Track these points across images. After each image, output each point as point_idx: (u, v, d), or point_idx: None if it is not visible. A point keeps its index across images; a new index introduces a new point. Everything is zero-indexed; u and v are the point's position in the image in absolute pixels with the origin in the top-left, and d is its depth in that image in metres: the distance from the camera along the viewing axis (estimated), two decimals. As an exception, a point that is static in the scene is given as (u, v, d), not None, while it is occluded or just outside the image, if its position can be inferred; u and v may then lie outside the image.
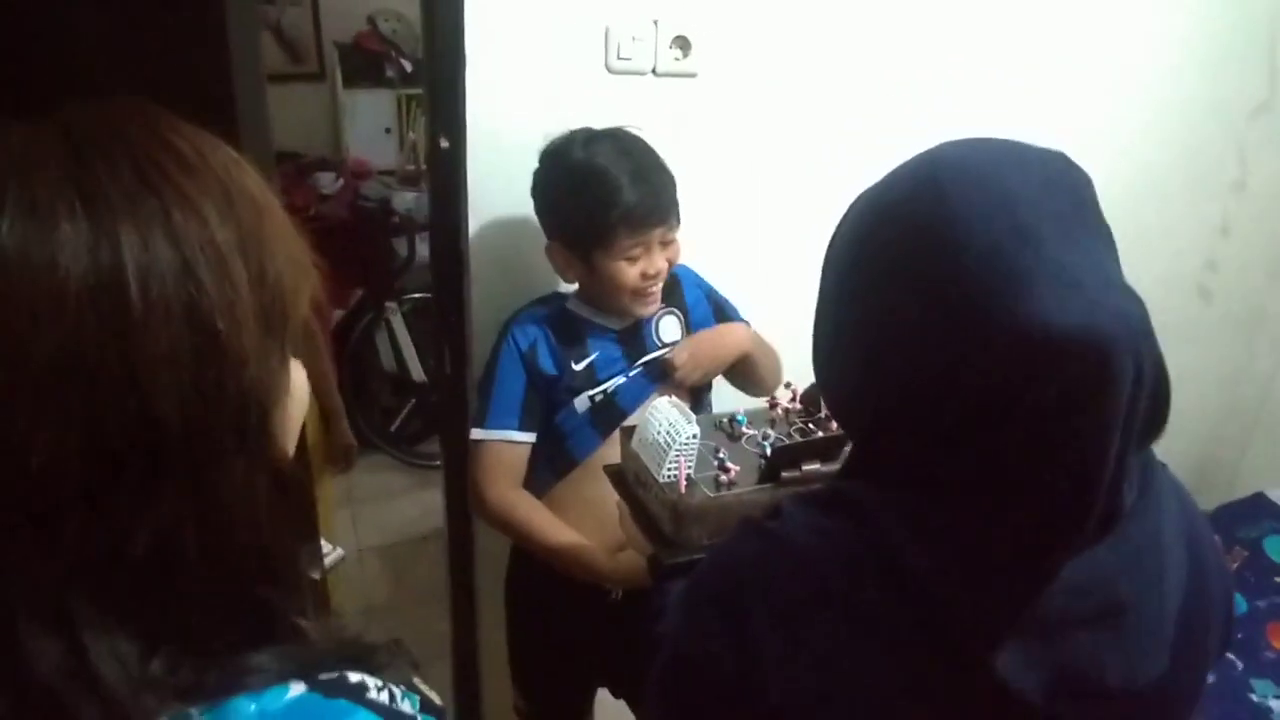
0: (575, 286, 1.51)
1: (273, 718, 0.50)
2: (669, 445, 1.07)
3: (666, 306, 1.52)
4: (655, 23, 1.54)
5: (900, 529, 0.63)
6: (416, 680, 0.59)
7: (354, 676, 0.55)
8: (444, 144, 1.54)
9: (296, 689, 0.52)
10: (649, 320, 1.51)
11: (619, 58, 1.54)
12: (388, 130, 3.79)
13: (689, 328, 1.56)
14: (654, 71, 1.57)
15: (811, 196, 1.77)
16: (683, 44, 1.57)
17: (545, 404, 1.48)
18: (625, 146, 1.38)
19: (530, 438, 1.48)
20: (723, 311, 1.62)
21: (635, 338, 1.51)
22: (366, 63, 3.69)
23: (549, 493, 1.51)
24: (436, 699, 0.61)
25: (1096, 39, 1.88)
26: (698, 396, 1.59)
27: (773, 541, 0.69)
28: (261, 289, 0.52)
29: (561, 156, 1.39)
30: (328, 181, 3.49)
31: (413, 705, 0.57)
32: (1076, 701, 0.63)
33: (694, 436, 1.08)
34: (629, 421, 1.42)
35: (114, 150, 0.50)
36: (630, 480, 1.21)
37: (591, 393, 1.48)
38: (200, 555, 0.50)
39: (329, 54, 3.73)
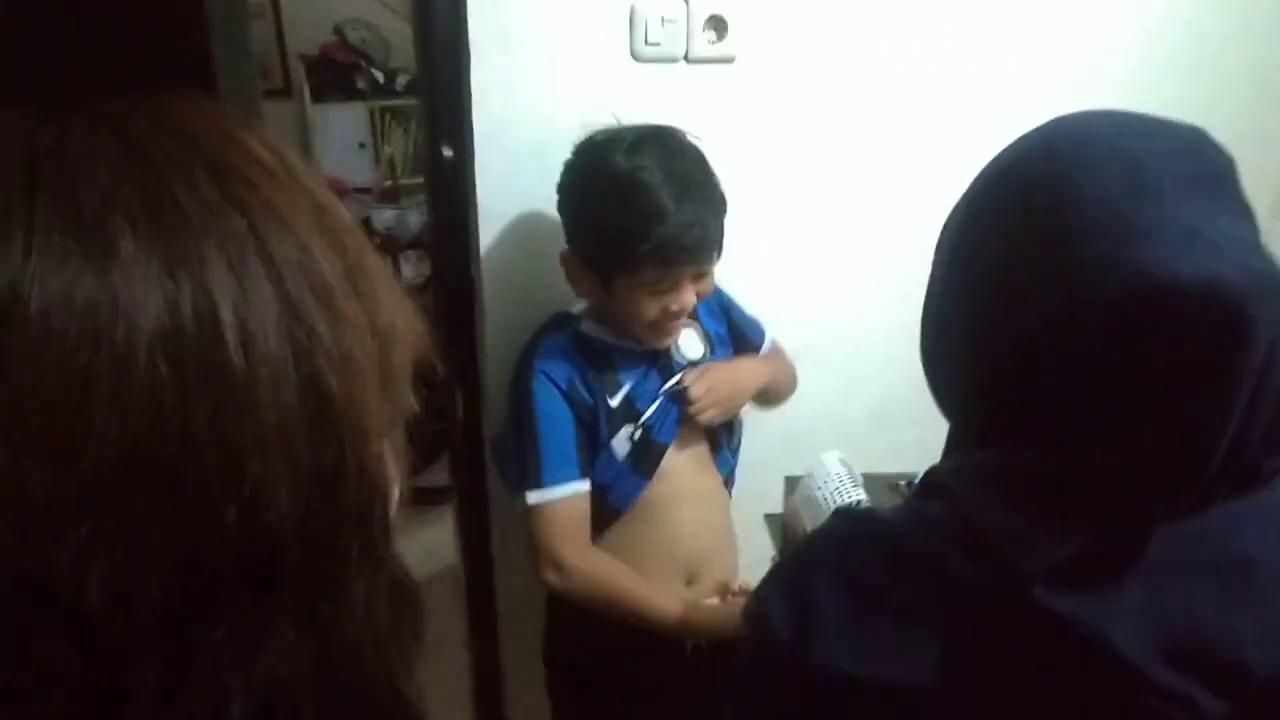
0: (583, 303, 1.31)
1: None
2: (828, 507, 0.93)
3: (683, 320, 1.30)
4: (687, 1, 1.33)
5: (982, 493, 0.59)
6: None
7: None
8: (447, 153, 1.32)
9: None
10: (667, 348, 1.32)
11: (646, 43, 1.32)
12: (361, 145, 3.57)
13: (711, 341, 1.37)
14: (686, 58, 1.36)
15: (860, 195, 1.57)
16: (718, 25, 1.35)
17: (592, 441, 1.28)
18: (676, 162, 1.16)
19: (588, 485, 1.27)
20: (740, 332, 1.43)
21: (664, 361, 1.31)
22: (335, 76, 3.47)
23: (597, 543, 1.31)
24: None
25: (1145, 53, 1.69)
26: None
27: (854, 518, 0.68)
28: (375, 339, 0.37)
29: (601, 158, 1.17)
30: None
31: None
32: (1209, 680, 0.52)
33: (859, 503, 0.92)
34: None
35: (180, 151, 0.34)
36: (792, 536, 1.12)
37: (630, 429, 1.28)
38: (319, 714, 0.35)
39: (295, 68, 3.49)
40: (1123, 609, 0.54)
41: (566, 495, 1.25)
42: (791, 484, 1.09)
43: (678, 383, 1.30)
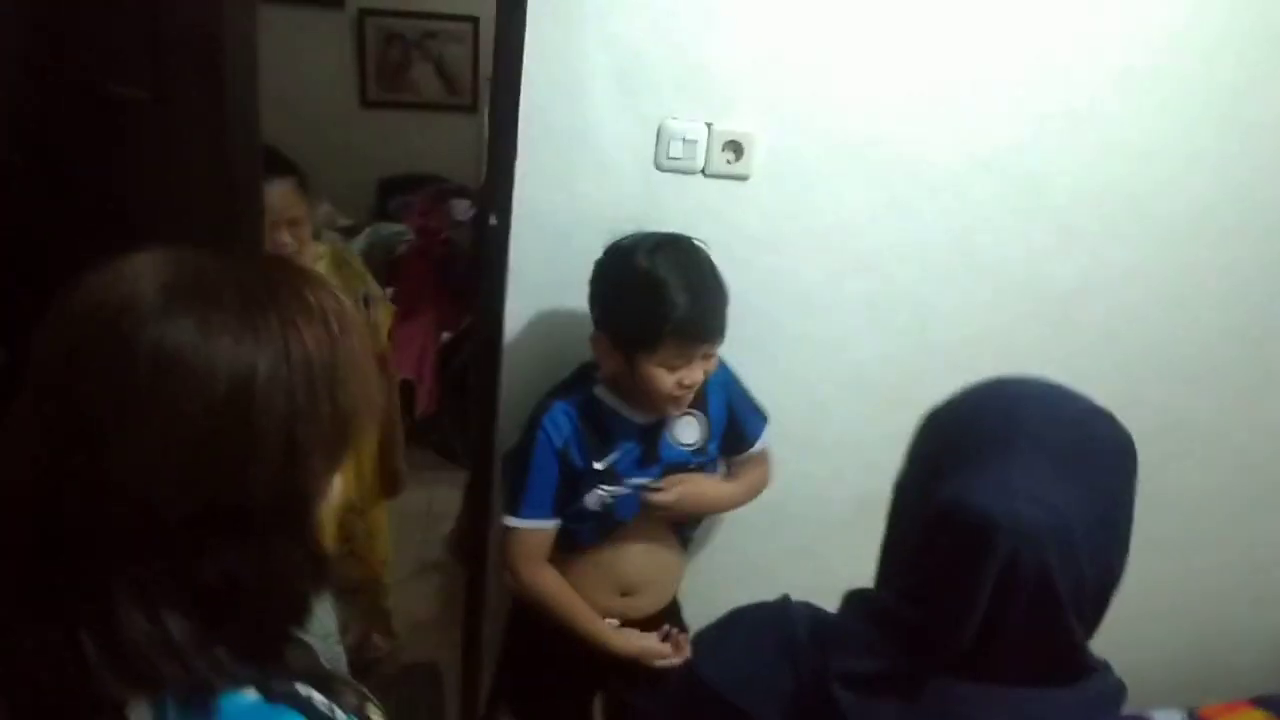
0: (599, 364, 1.54)
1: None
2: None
3: (689, 410, 1.55)
4: (709, 125, 1.56)
5: (839, 652, 0.80)
6: (371, 709, 0.73)
7: (305, 690, 0.68)
8: (493, 221, 1.61)
9: (251, 695, 0.65)
10: (662, 424, 1.55)
11: (669, 157, 1.57)
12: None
13: (710, 430, 1.58)
14: (704, 172, 1.59)
15: (860, 306, 1.74)
16: (736, 149, 1.58)
17: (570, 491, 1.55)
18: (688, 261, 1.42)
19: (557, 523, 1.57)
20: (738, 427, 1.64)
21: (655, 437, 1.55)
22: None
23: (558, 551, 1.61)
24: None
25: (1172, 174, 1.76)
26: None
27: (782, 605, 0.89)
28: (334, 417, 0.66)
29: (626, 258, 1.43)
30: (462, 209, 3.68)
31: None
32: None
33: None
34: None
35: (267, 290, 0.65)
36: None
37: (604, 495, 1.54)
38: (252, 590, 0.65)
39: (483, 89, 3.93)
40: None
41: (533, 528, 1.55)
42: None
43: (654, 483, 1.56)
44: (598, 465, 1.52)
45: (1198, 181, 1.75)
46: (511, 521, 1.54)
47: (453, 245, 3.53)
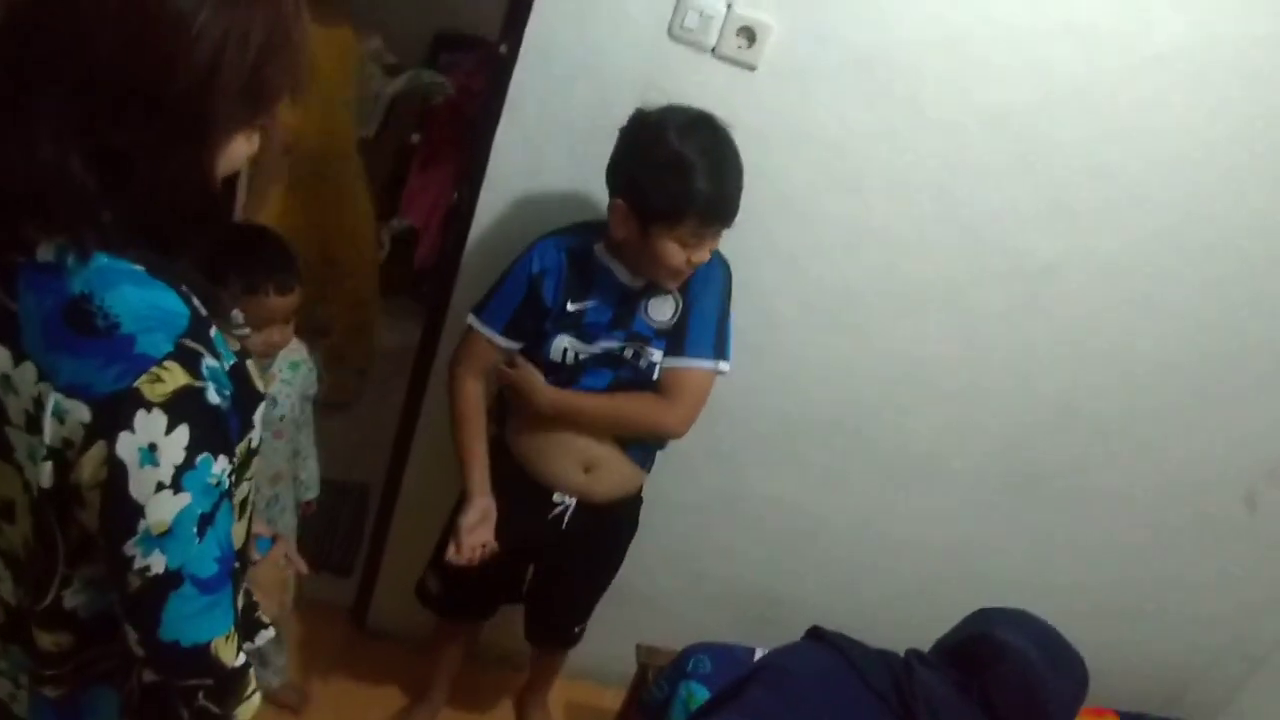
0: (611, 228, 1.54)
1: (105, 269, 0.76)
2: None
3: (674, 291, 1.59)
4: (729, 5, 1.57)
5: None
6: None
7: (186, 290, 0.81)
8: (503, 49, 1.64)
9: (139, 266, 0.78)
10: (646, 296, 1.59)
11: (683, 27, 1.58)
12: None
13: (679, 310, 1.61)
14: (713, 51, 1.61)
15: (834, 226, 1.77)
16: (749, 35, 1.59)
17: (535, 323, 1.60)
18: (717, 143, 1.46)
19: (512, 345, 1.63)
20: (686, 327, 1.61)
21: (632, 305, 1.60)
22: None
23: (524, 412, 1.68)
24: (256, 381, 0.89)
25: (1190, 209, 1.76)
26: None
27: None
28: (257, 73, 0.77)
29: (657, 133, 1.45)
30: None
31: (222, 339, 0.83)
32: None
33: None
34: None
35: None
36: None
37: (568, 343, 1.59)
38: (144, 169, 0.75)
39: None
40: None
41: (484, 335, 1.62)
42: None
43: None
44: (570, 307, 1.58)
45: (1202, 175, 1.75)
46: (470, 319, 1.64)
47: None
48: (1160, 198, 1.76)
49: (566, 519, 1.71)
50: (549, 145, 1.69)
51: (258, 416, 0.92)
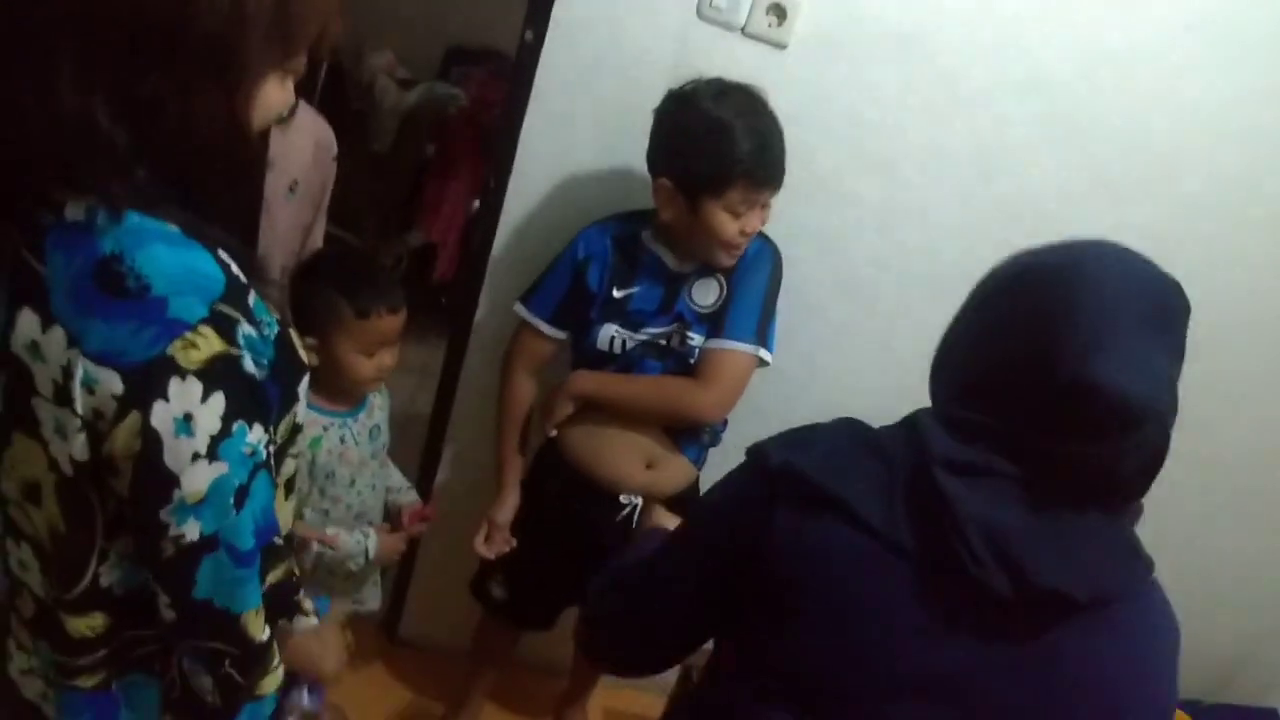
0: (657, 217, 1.53)
1: (137, 228, 0.73)
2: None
3: (717, 274, 1.56)
4: (758, -18, 1.55)
5: (933, 420, 0.86)
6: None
7: (226, 257, 0.77)
8: (528, 36, 1.62)
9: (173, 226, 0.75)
10: (691, 279, 1.56)
11: (712, 5, 1.56)
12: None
13: (724, 295, 1.57)
14: (743, 30, 1.58)
15: (865, 208, 1.74)
16: (779, 12, 1.57)
17: (582, 311, 1.58)
18: (753, 105, 1.44)
19: (559, 334, 1.62)
20: (729, 310, 1.57)
21: (675, 290, 1.57)
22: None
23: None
24: (301, 352, 0.86)
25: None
26: None
27: (850, 421, 0.94)
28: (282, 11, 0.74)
29: (690, 103, 1.43)
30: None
31: (263, 307, 0.79)
32: (1002, 567, 0.79)
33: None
34: None
35: None
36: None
37: (615, 332, 1.57)
38: (173, 117, 0.72)
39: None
40: (978, 504, 0.81)
41: (531, 323, 1.61)
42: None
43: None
44: (616, 293, 1.56)
45: (1244, 149, 1.72)
46: (518, 308, 1.63)
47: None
48: (1199, 165, 1.72)
49: (636, 517, 1.65)
50: (578, 130, 1.67)
51: (302, 388, 0.88)
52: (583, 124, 1.66)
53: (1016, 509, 0.81)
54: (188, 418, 0.72)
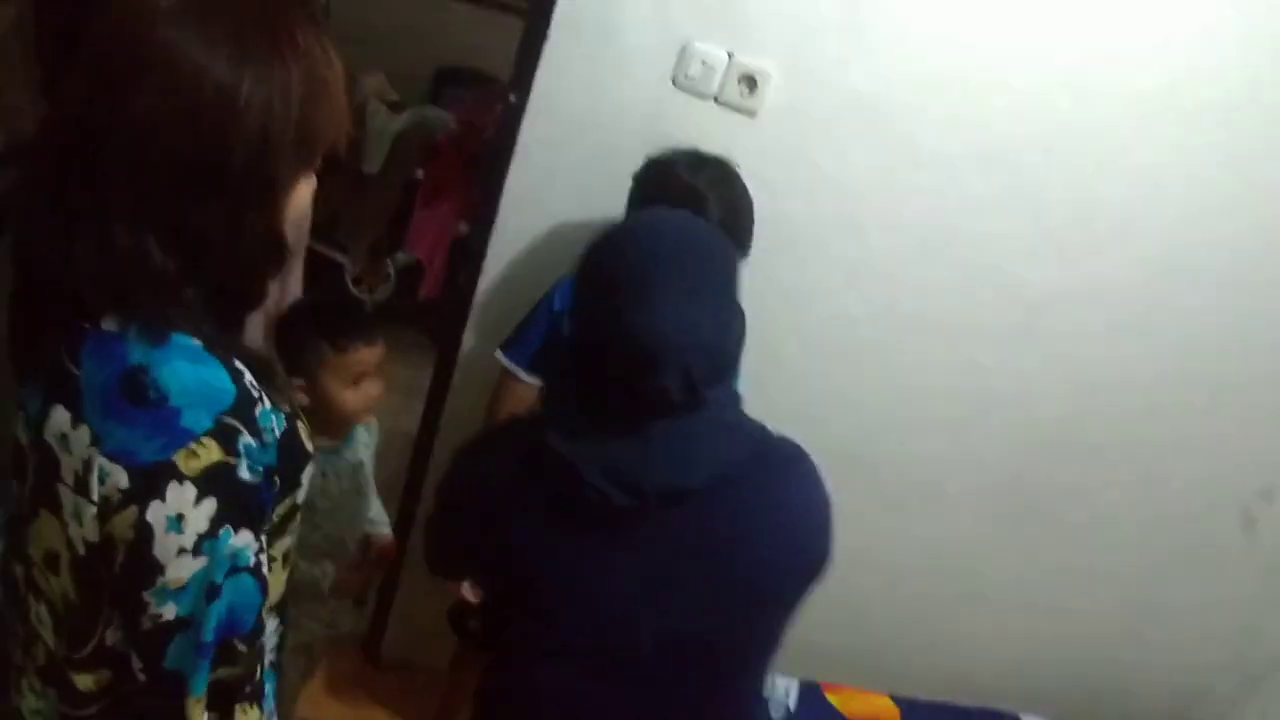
0: None
1: (166, 343, 0.81)
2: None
3: None
4: (730, 54, 1.63)
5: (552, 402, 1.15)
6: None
7: (241, 366, 0.85)
8: (512, 99, 1.70)
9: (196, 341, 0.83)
10: None
11: (686, 76, 1.64)
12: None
13: None
14: (716, 99, 1.67)
15: (838, 267, 1.82)
16: (750, 83, 1.65)
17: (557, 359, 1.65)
18: (726, 178, 1.55)
19: (538, 381, 1.70)
20: None
21: None
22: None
23: None
24: (306, 442, 0.93)
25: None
26: None
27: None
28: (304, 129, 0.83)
29: (667, 171, 1.54)
30: (508, 113, 3.74)
31: (268, 415, 0.86)
32: (624, 489, 1.02)
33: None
34: None
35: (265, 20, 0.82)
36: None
37: None
38: (219, 243, 0.82)
39: (558, 2, 3.97)
40: (583, 449, 1.03)
41: (511, 371, 1.70)
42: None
43: None
44: None
45: (1190, 213, 1.81)
46: (499, 354, 1.73)
47: (490, 144, 3.61)
48: (1149, 228, 1.82)
49: None
50: (558, 190, 1.75)
51: (306, 475, 0.97)
52: (563, 183, 1.74)
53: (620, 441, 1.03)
54: (179, 517, 0.80)
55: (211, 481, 0.81)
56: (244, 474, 0.83)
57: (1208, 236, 1.83)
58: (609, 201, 1.64)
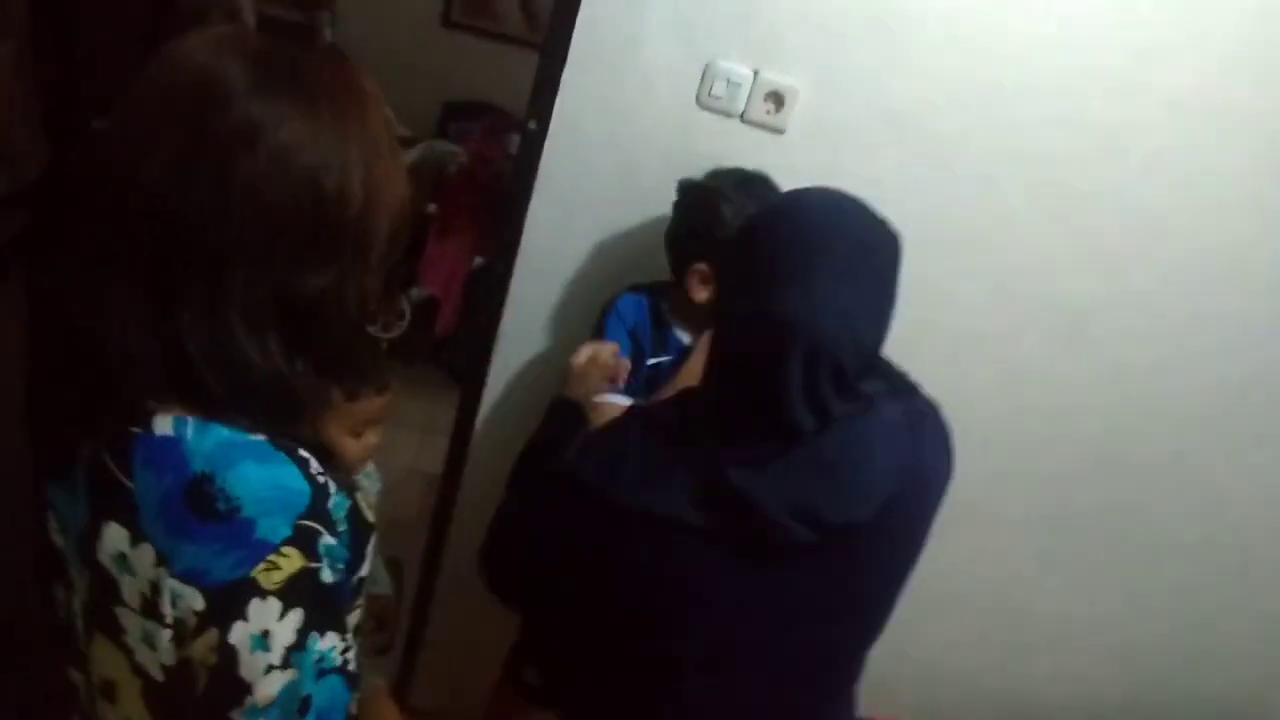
0: (689, 291, 1.56)
1: (225, 443, 0.75)
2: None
3: None
4: (755, 72, 1.59)
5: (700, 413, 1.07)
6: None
7: (305, 453, 0.79)
8: (532, 125, 1.66)
9: (259, 436, 0.77)
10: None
11: (711, 94, 1.60)
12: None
13: None
14: (742, 117, 1.62)
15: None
16: (777, 100, 1.61)
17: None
18: (771, 194, 1.52)
19: (628, 400, 1.61)
20: None
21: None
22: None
23: None
24: (367, 514, 0.87)
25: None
26: None
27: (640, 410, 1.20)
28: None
29: (717, 196, 1.50)
30: (518, 144, 3.73)
31: (338, 503, 0.80)
32: (802, 521, 0.99)
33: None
34: None
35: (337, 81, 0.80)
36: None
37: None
38: (331, 311, 0.79)
39: (564, 32, 3.97)
40: (766, 483, 0.99)
41: (610, 404, 1.58)
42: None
43: None
44: (650, 361, 1.59)
45: (1232, 217, 1.75)
46: (596, 397, 1.62)
47: (502, 176, 3.59)
48: (1193, 231, 1.76)
49: None
50: (581, 216, 1.70)
51: (370, 547, 0.91)
52: (586, 209, 1.70)
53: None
54: (265, 634, 0.74)
55: (295, 591, 0.74)
56: (326, 576, 0.77)
57: (1255, 238, 1.78)
58: (635, 225, 1.59)
